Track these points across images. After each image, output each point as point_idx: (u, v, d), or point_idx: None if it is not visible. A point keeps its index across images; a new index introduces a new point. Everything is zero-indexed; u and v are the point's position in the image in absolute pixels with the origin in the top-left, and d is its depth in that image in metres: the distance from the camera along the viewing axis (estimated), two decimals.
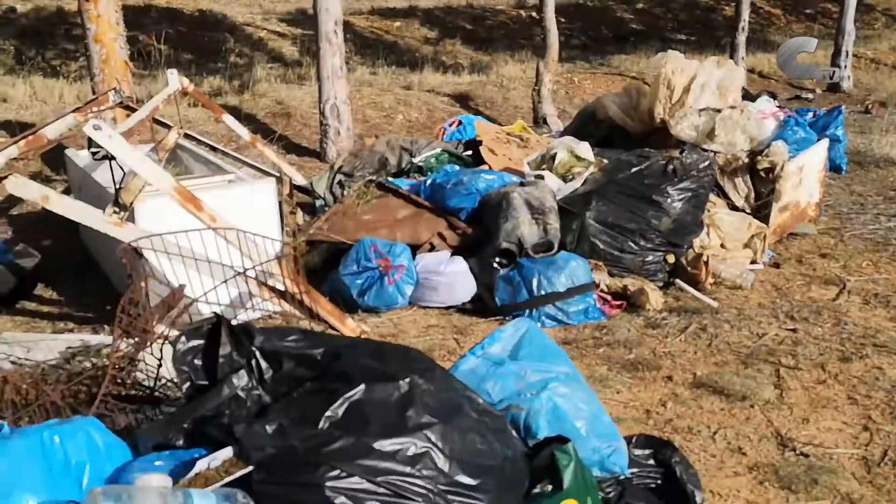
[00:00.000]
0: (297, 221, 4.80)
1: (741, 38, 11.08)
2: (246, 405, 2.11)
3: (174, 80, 5.52)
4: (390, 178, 5.05)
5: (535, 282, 4.11)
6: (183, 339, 2.25)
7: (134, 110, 5.37)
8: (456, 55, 15.98)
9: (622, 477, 2.54)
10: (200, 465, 1.94)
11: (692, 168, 4.46)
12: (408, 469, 1.92)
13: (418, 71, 12.93)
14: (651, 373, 3.54)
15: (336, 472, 1.87)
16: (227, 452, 1.98)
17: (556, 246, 4.26)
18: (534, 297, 4.11)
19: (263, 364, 2.21)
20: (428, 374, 2.15)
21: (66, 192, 6.09)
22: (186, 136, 5.46)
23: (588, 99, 11.90)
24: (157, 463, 2.00)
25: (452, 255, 4.44)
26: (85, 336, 3.66)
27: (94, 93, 6.17)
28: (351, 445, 1.92)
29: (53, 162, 6.93)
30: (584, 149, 4.79)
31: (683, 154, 4.54)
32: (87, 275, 4.84)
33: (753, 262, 4.92)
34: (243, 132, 5.84)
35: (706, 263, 4.50)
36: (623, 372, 3.55)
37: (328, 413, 2.00)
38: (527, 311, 4.12)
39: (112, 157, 3.22)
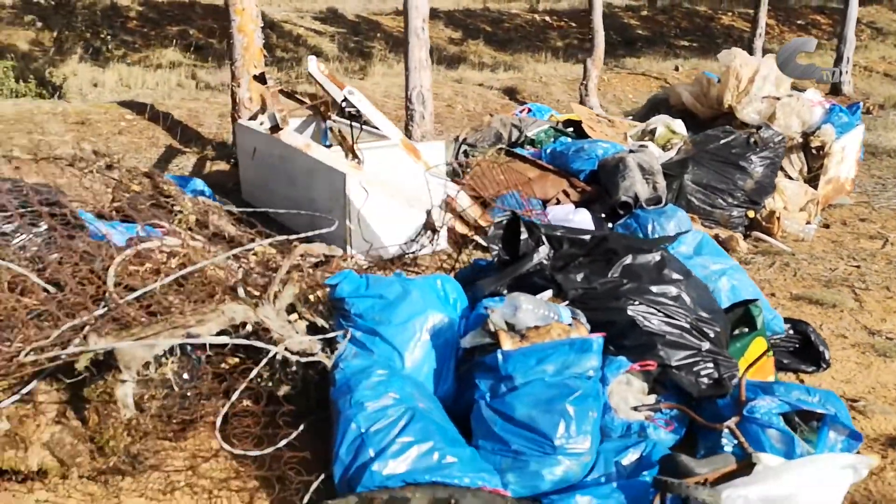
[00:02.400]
0: None
1: (758, 43, 12.23)
2: (547, 269, 3.11)
3: (313, 64, 6.50)
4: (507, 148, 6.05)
5: (649, 227, 5.12)
6: (492, 228, 3.26)
7: (282, 91, 6.36)
8: (480, 55, 16.98)
9: (774, 339, 3.57)
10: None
11: (769, 141, 5.51)
12: (672, 303, 2.94)
13: (455, 68, 13.96)
14: None
15: (631, 301, 2.89)
16: (549, 293, 2.98)
17: (663, 200, 5.28)
18: (649, 240, 5.12)
19: (547, 245, 3.21)
20: (667, 250, 3.18)
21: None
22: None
23: (618, 95, 13.02)
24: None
25: (576, 207, 5.45)
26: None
27: (233, 78, 7.10)
28: (635, 288, 2.94)
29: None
30: (679, 125, 5.85)
31: (760, 130, 5.60)
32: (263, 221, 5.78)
33: (808, 222, 5.98)
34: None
35: (778, 219, 5.56)
36: None
37: (611, 270, 3.01)
38: None
39: (359, 115, 4.20)
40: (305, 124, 6.34)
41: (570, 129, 6.33)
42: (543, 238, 3.21)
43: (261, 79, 6.42)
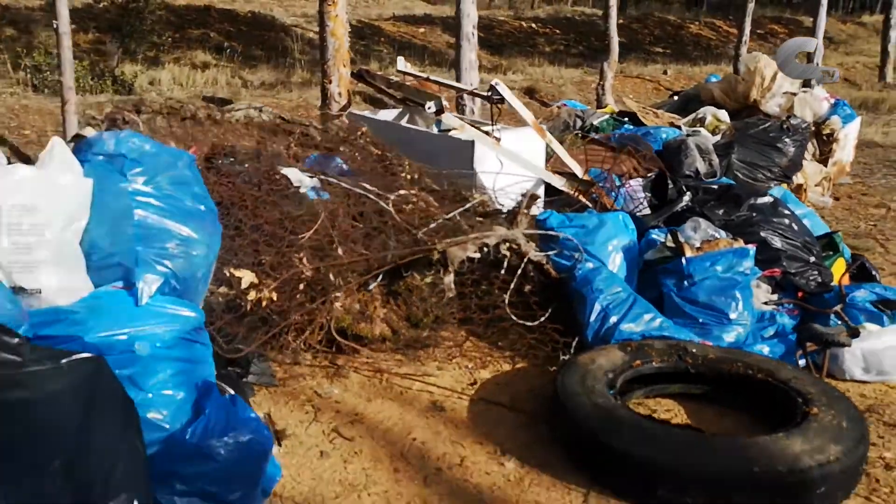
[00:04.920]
0: None
1: (743, 50, 13.61)
2: (696, 207, 4.25)
3: (402, 62, 7.56)
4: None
5: None
6: (642, 180, 4.39)
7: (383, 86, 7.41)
8: (479, 58, 18.11)
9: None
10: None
11: (798, 127, 6.77)
12: (788, 230, 4.11)
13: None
14: None
15: (762, 228, 4.05)
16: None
17: (718, 174, 6.48)
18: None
19: (688, 192, 4.36)
20: (772, 195, 4.35)
21: None
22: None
23: (620, 96, 14.28)
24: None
25: None
26: None
27: (324, 75, 8.11)
28: (763, 219, 4.11)
29: None
30: (723, 114, 7.09)
31: (790, 118, 6.85)
32: None
33: (822, 195, 7.26)
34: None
35: (805, 190, 6.82)
36: None
37: (742, 207, 4.17)
38: None
39: (502, 100, 5.29)
40: (401, 115, 7.39)
41: (626, 119, 7.52)
42: (684, 188, 4.36)
43: (359, 75, 7.46)
